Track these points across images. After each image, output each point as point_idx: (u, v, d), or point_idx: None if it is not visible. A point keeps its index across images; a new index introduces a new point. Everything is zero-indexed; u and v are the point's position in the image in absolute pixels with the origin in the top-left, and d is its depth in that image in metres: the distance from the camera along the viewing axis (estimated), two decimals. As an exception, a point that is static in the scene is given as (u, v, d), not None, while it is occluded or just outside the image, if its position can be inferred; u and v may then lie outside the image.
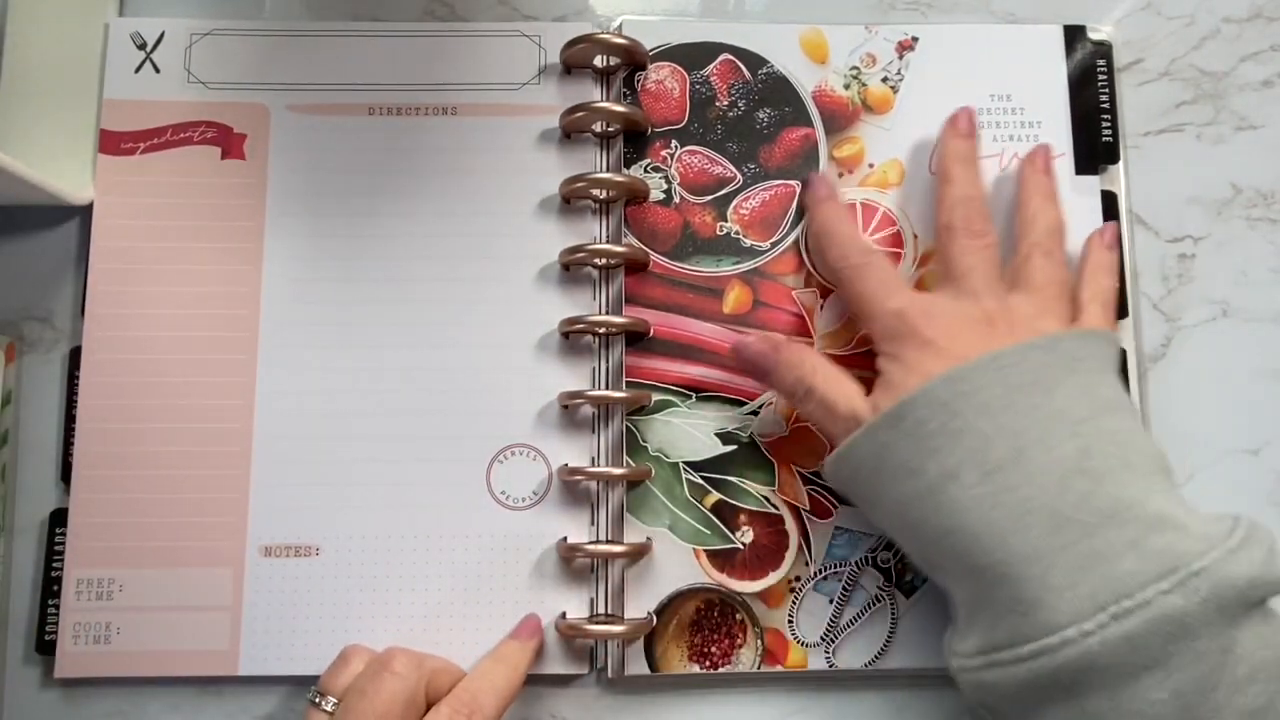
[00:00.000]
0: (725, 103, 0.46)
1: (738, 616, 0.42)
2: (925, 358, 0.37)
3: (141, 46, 0.45)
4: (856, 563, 0.43)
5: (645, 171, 0.45)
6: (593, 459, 0.44)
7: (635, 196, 0.45)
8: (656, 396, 0.43)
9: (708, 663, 0.42)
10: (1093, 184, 0.45)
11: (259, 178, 0.45)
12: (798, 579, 0.43)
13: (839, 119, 0.46)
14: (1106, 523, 0.33)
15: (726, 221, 0.45)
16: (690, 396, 0.43)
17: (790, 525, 0.43)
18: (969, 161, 0.43)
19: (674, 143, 0.45)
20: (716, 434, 0.43)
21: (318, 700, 0.38)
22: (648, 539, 0.42)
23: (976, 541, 0.34)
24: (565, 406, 0.43)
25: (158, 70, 0.45)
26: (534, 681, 0.42)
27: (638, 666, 0.42)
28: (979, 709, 0.36)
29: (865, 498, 0.39)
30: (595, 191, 0.44)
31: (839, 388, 0.39)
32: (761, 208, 0.45)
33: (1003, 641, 0.34)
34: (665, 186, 0.45)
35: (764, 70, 0.46)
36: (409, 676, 0.38)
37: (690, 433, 0.43)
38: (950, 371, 0.36)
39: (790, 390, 0.40)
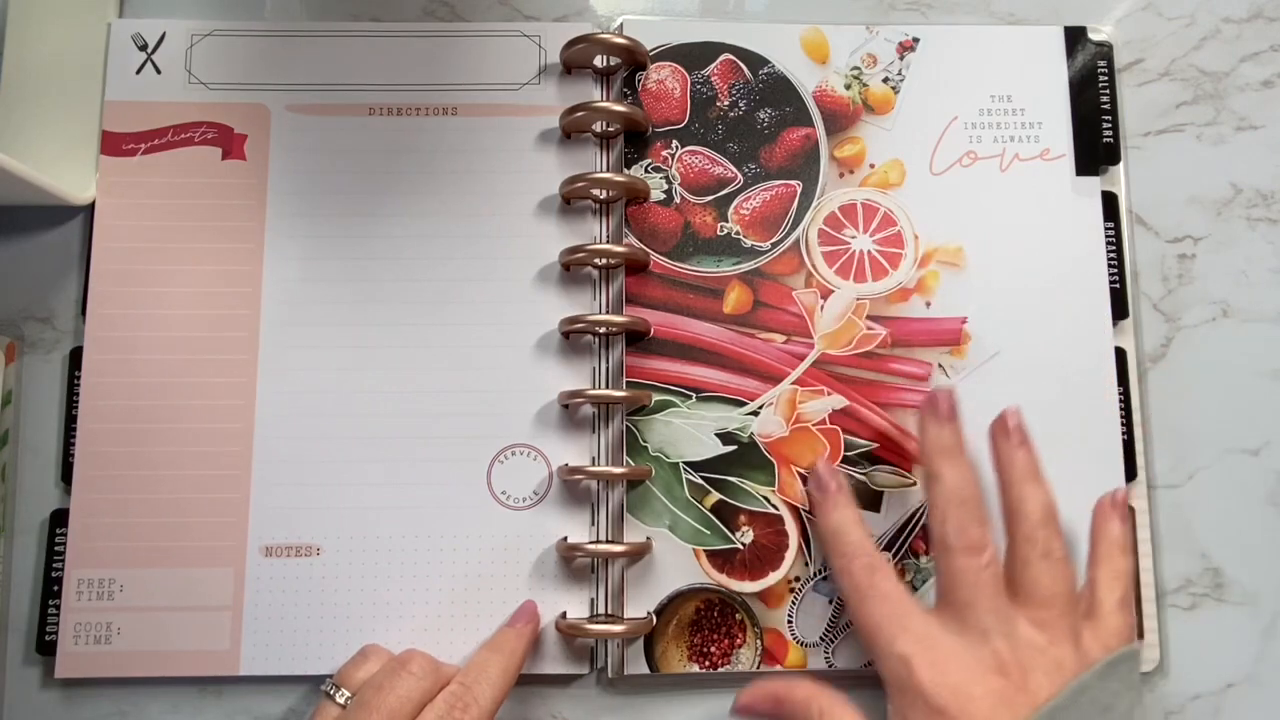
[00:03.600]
0: (726, 103, 0.46)
1: (737, 616, 0.42)
2: None
3: (143, 47, 0.45)
4: (856, 563, 0.43)
5: (646, 171, 0.45)
6: (593, 459, 0.44)
7: (635, 196, 0.45)
8: (657, 396, 0.43)
9: (707, 662, 0.42)
10: (1093, 185, 0.45)
11: (259, 178, 0.45)
12: (797, 579, 0.43)
13: (840, 119, 0.46)
14: None
15: (727, 222, 0.45)
16: (690, 397, 0.43)
17: (790, 525, 0.43)
18: (956, 453, 0.39)
19: (675, 143, 0.45)
20: (716, 434, 0.43)
21: (332, 692, 0.38)
22: (648, 539, 0.42)
23: None
24: (565, 406, 0.43)
25: (159, 71, 0.45)
26: (534, 681, 0.42)
27: (637, 666, 0.42)
28: None
29: None
30: (595, 191, 0.44)
31: None
32: (762, 208, 0.45)
33: None
34: (666, 186, 0.45)
35: (765, 70, 0.46)
36: (424, 678, 0.38)
37: (690, 433, 0.43)
38: None
39: None
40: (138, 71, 0.45)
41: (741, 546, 0.43)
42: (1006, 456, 0.40)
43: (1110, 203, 0.46)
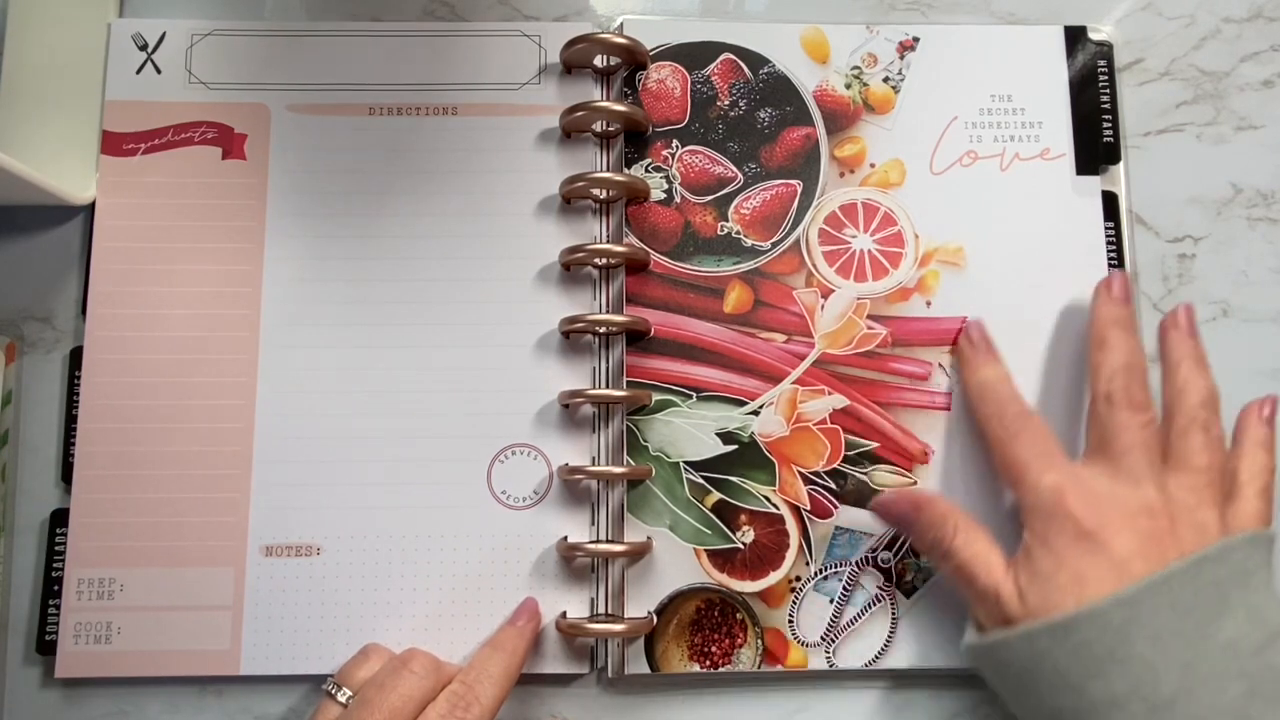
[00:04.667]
0: (726, 102, 0.46)
1: (738, 616, 0.42)
2: (1082, 554, 0.36)
3: (143, 47, 0.45)
4: (857, 562, 0.43)
5: (646, 171, 0.45)
6: (593, 458, 0.44)
7: (635, 196, 0.45)
8: (657, 396, 0.43)
9: (708, 662, 0.42)
10: (1093, 184, 0.45)
11: (260, 178, 0.45)
12: (798, 579, 0.43)
13: (840, 119, 0.46)
14: None
15: (727, 221, 0.45)
16: (691, 396, 0.43)
17: (790, 525, 0.43)
18: (1128, 327, 0.41)
19: (675, 142, 0.45)
20: (717, 434, 0.43)
21: (334, 691, 0.38)
22: (648, 538, 0.42)
23: None
24: (566, 406, 0.43)
25: (159, 71, 0.45)
26: (534, 681, 0.42)
27: (638, 666, 0.42)
28: None
29: (1012, 689, 0.38)
30: (595, 191, 0.44)
31: (979, 557, 0.38)
32: (763, 207, 0.45)
33: None
34: (666, 186, 0.45)
35: (765, 70, 0.46)
36: (426, 677, 0.38)
37: (691, 432, 0.43)
38: (1120, 594, 0.35)
39: (927, 549, 0.40)
40: (138, 71, 0.45)
41: (742, 546, 0.43)
42: (1176, 344, 0.41)
43: (1110, 202, 0.46)
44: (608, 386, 0.44)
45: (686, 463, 0.43)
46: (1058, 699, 0.36)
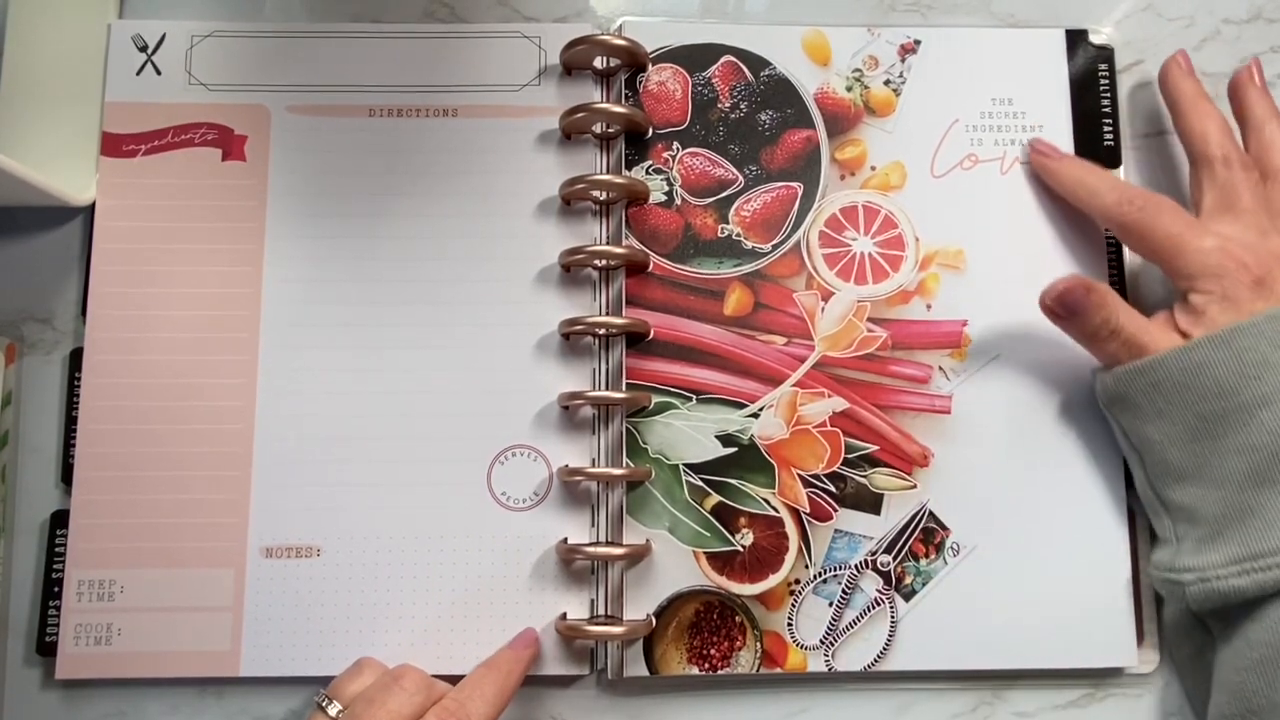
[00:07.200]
0: (727, 104, 0.46)
1: (737, 619, 0.42)
2: (1256, 299, 0.39)
3: (143, 48, 0.45)
4: (856, 566, 0.43)
5: (647, 173, 0.45)
6: (593, 460, 0.44)
7: (635, 198, 0.45)
8: (657, 398, 0.43)
9: (707, 665, 0.42)
10: (1094, 187, 0.45)
11: (260, 179, 0.45)
12: (797, 582, 0.43)
13: (841, 121, 0.46)
14: None
15: (728, 223, 0.45)
16: (690, 399, 0.43)
17: (790, 528, 0.43)
18: (1208, 96, 0.44)
19: (675, 144, 0.45)
20: (717, 436, 0.43)
21: (325, 704, 0.38)
22: (647, 541, 0.42)
23: (1275, 460, 0.37)
24: (565, 407, 0.43)
25: (159, 72, 0.45)
26: (534, 682, 0.42)
27: (637, 668, 0.42)
28: (1194, 620, 0.40)
29: (1153, 407, 0.40)
30: (595, 193, 0.44)
31: (1147, 329, 0.40)
32: (763, 210, 0.45)
33: (1268, 549, 0.37)
34: (666, 188, 0.45)
35: (766, 72, 0.46)
36: (416, 694, 0.38)
37: (690, 435, 0.43)
38: (1274, 310, 0.39)
39: (1094, 330, 0.41)
40: (138, 72, 0.45)
41: (741, 549, 0.43)
42: (1255, 102, 0.44)
43: (1111, 205, 0.46)
44: (607, 388, 0.44)
45: (686, 465, 0.43)
46: (1208, 404, 0.38)
